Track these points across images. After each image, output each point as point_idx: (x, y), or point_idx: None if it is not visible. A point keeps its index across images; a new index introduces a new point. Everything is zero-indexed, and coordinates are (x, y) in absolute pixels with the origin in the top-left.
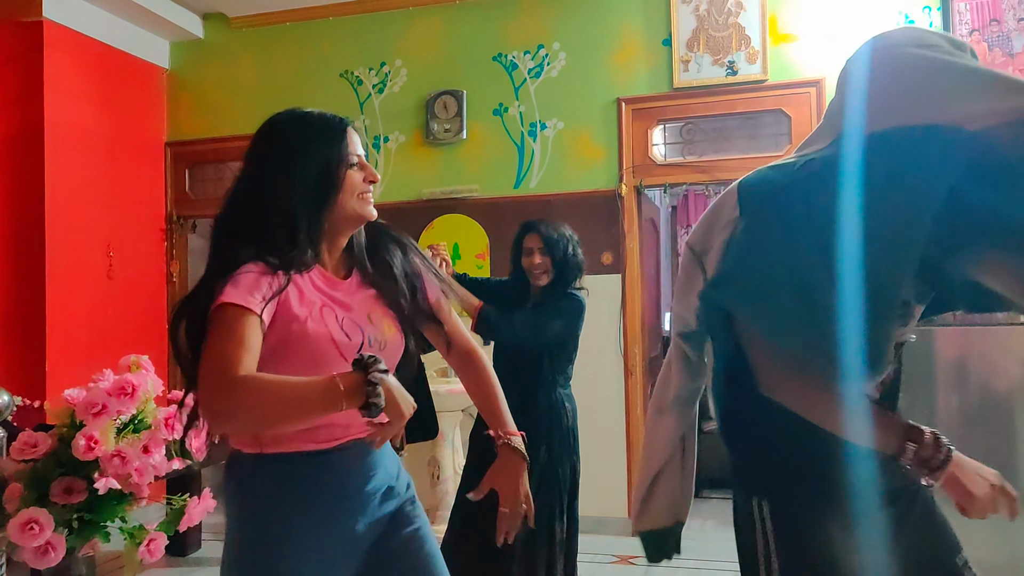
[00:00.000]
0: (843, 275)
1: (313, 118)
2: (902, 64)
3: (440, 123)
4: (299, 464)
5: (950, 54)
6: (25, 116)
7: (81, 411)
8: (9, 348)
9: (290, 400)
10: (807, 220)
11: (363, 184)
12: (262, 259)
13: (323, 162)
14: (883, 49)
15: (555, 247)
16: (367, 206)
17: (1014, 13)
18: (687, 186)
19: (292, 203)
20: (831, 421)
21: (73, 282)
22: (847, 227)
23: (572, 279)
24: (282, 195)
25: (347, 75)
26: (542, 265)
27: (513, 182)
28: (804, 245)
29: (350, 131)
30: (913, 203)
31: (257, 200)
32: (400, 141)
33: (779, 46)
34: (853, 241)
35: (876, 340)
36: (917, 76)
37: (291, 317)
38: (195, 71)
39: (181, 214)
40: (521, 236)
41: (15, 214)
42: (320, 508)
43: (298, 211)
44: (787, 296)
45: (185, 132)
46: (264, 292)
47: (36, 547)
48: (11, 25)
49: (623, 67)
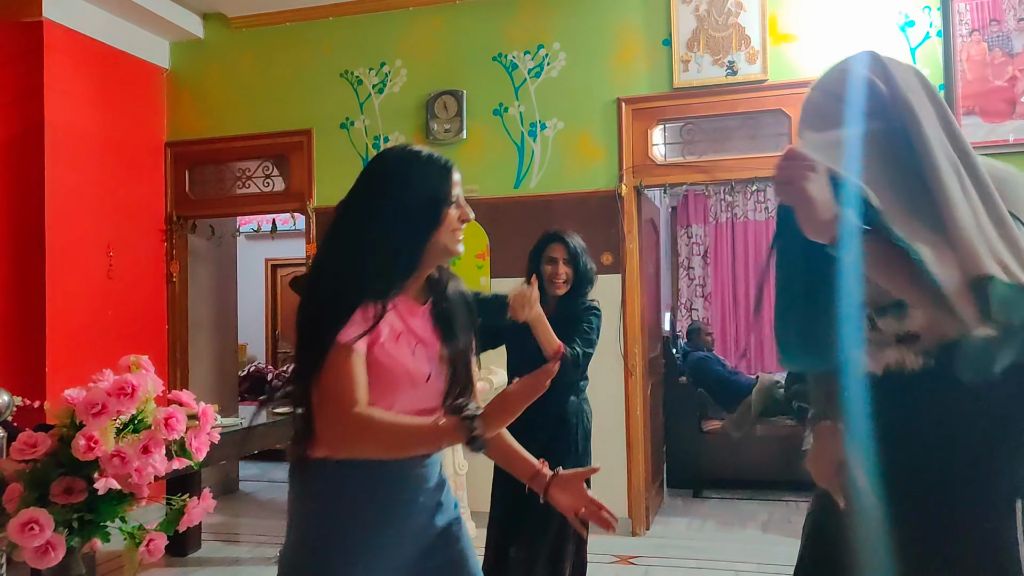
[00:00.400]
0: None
1: (423, 158)
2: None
3: (440, 123)
4: (375, 472)
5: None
6: (25, 116)
7: (81, 411)
8: (9, 348)
9: (404, 441)
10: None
11: (457, 222)
12: (366, 294)
13: (429, 200)
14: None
15: (577, 258)
16: (458, 243)
17: (1014, 13)
18: (687, 186)
19: (398, 237)
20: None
21: (73, 282)
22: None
23: (587, 289)
24: (389, 229)
25: (347, 75)
26: (564, 275)
27: (513, 182)
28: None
29: (454, 171)
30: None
31: (364, 232)
32: (400, 141)
33: (779, 46)
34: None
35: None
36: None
37: (375, 340)
38: (195, 71)
39: (181, 214)
40: (544, 245)
41: (15, 214)
42: (386, 513)
43: (403, 245)
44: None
45: (185, 132)
46: (365, 325)
47: (36, 547)
48: (11, 25)
49: (623, 67)
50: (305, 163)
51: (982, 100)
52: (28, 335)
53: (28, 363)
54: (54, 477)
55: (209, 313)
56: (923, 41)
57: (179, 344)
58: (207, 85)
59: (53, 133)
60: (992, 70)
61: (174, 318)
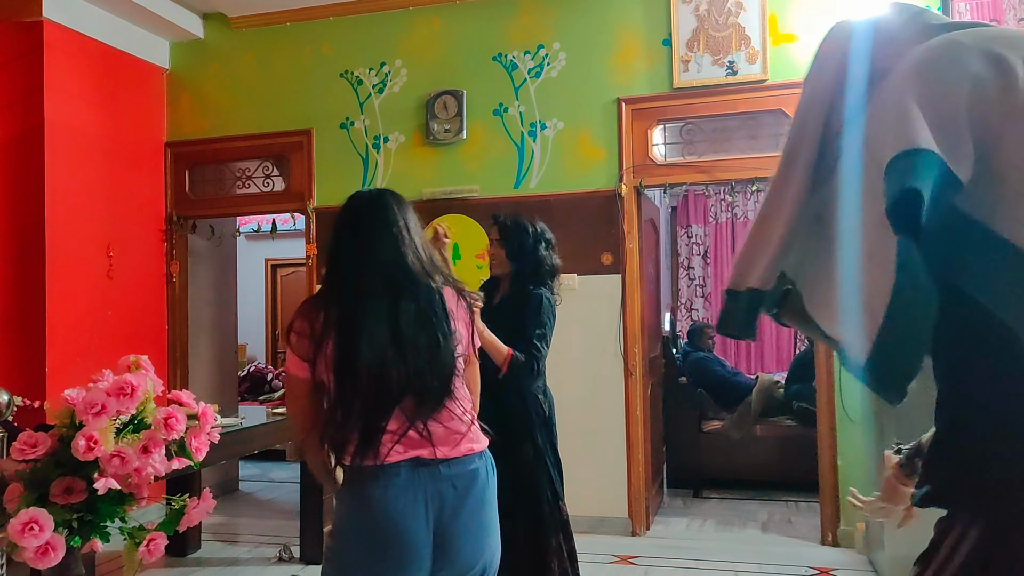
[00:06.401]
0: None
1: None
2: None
3: (440, 123)
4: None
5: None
6: (25, 116)
7: (81, 411)
8: (9, 348)
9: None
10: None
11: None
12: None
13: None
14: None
15: (510, 239)
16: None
17: (1014, 13)
18: (687, 186)
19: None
20: None
21: (73, 282)
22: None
23: (532, 274)
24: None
25: (347, 75)
26: (496, 256)
27: (513, 182)
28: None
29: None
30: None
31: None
32: (400, 141)
33: (779, 46)
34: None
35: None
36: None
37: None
38: (195, 71)
39: (181, 214)
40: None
41: (15, 214)
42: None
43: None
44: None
45: (185, 132)
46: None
47: (36, 547)
48: (11, 25)
49: (623, 67)
50: (305, 163)
51: None
52: (28, 335)
53: (28, 363)
54: (54, 477)
55: (209, 313)
56: None
57: (179, 344)
58: (207, 85)
59: (53, 133)
60: None
61: (174, 318)
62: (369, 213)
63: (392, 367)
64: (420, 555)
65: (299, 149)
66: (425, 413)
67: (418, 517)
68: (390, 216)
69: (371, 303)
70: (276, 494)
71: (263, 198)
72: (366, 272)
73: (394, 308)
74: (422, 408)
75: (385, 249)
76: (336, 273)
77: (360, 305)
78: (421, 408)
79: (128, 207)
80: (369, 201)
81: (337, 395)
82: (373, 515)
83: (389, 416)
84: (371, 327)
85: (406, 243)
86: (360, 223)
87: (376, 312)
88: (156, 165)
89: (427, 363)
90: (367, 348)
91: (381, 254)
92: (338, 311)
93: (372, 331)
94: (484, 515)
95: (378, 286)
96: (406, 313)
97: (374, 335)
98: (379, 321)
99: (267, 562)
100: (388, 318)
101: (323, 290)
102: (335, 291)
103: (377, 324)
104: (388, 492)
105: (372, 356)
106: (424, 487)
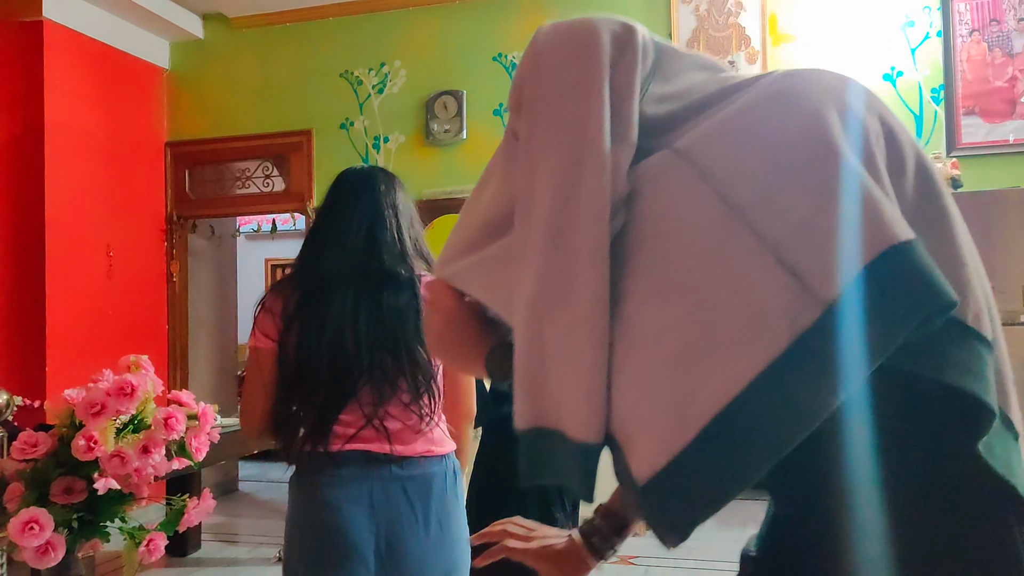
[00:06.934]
0: None
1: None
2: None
3: (440, 123)
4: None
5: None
6: (25, 116)
7: (81, 411)
8: (9, 348)
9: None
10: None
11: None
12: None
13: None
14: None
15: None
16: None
17: (1014, 13)
18: None
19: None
20: None
21: (73, 282)
22: None
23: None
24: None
25: (347, 75)
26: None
27: None
28: None
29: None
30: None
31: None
32: (400, 141)
33: (779, 46)
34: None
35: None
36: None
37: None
38: (195, 71)
39: (181, 214)
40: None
41: (15, 214)
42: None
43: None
44: None
45: (185, 132)
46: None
47: (36, 547)
48: (11, 25)
49: None
50: (305, 163)
51: (982, 100)
52: (28, 335)
53: (28, 363)
54: (54, 477)
55: (209, 313)
56: (923, 41)
57: (179, 344)
58: (207, 85)
59: (53, 133)
60: (992, 70)
61: (174, 318)
62: (353, 192)
63: (349, 357)
64: (361, 554)
65: (299, 149)
66: (383, 406)
67: (361, 514)
68: (375, 196)
69: (335, 290)
70: (276, 494)
71: (263, 198)
72: (337, 254)
73: (359, 295)
74: (379, 401)
75: (360, 231)
76: (309, 251)
77: (324, 291)
78: (378, 401)
79: (128, 207)
80: (357, 179)
81: (294, 379)
82: (315, 505)
83: (343, 407)
84: (333, 314)
85: (387, 226)
86: (341, 201)
87: (339, 299)
88: (156, 165)
89: (389, 353)
90: (325, 335)
91: (357, 236)
92: (302, 294)
93: (332, 318)
94: (443, 525)
95: (346, 271)
96: (370, 300)
97: (332, 323)
98: (342, 307)
99: (267, 562)
100: (351, 304)
101: (294, 270)
102: (303, 274)
103: (339, 311)
104: (332, 481)
105: (329, 343)
106: (371, 484)
